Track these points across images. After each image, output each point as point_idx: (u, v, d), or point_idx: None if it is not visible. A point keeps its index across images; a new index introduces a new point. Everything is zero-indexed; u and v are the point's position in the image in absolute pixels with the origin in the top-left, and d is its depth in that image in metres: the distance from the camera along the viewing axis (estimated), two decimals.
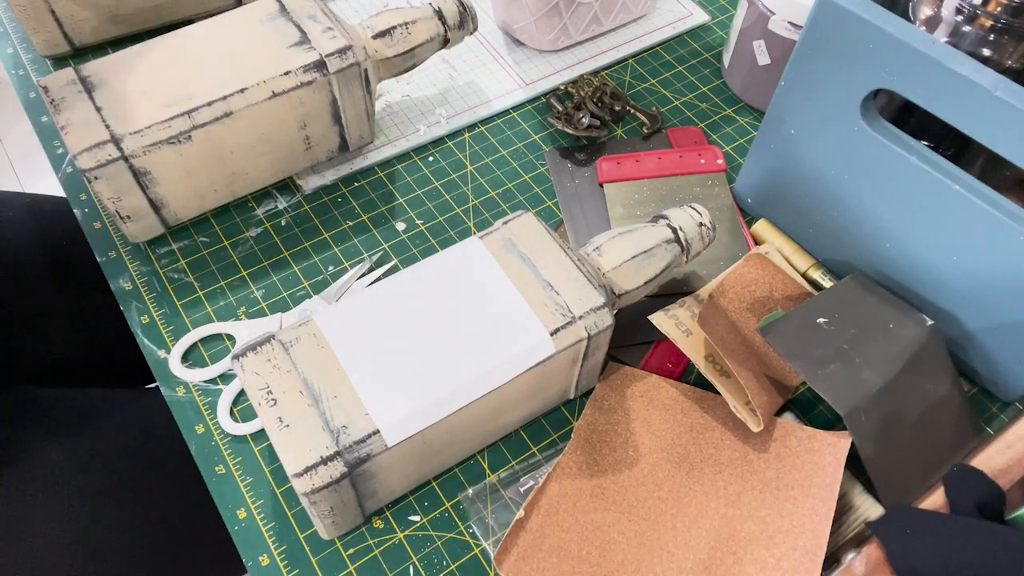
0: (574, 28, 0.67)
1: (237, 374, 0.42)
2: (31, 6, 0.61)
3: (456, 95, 0.65)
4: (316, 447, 0.39)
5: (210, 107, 0.51)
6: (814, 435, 0.46)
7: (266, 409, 0.40)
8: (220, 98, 0.51)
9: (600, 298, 0.44)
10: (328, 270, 0.56)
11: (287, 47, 0.53)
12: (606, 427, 0.49)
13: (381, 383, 0.41)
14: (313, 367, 0.42)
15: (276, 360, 0.42)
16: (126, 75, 0.52)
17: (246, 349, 0.42)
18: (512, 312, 0.44)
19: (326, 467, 0.39)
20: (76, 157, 0.48)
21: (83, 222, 0.58)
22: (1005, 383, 0.50)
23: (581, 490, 0.46)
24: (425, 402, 0.41)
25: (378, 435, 0.40)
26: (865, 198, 0.49)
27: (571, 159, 0.62)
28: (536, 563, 0.44)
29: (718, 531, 0.44)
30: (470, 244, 0.46)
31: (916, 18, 0.50)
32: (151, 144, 0.50)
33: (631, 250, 0.47)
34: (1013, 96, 0.39)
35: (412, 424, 0.41)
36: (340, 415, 0.40)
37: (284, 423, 0.40)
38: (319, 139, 0.57)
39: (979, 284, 0.46)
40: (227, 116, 0.51)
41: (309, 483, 0.39)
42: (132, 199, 0.52)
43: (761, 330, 0.46)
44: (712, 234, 0.50)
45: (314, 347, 0.42)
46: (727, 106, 0.66)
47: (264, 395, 0.41)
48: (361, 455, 0.40)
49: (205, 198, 0.55)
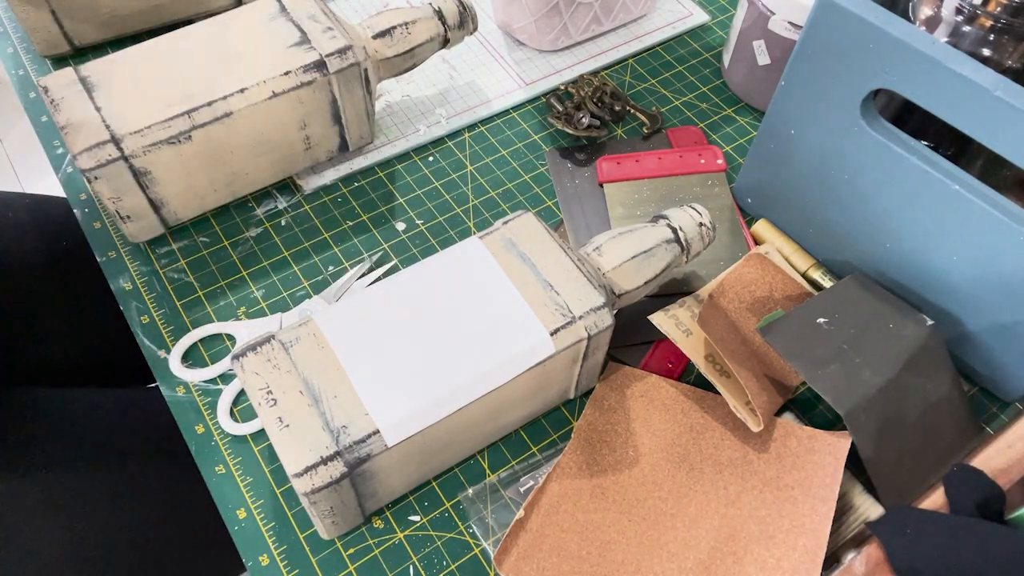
0: (574, 28, 0.67)
1: (237, 374, 0.42)
2: (31, 6, 0.61)
3: (456, 95, 0.65)
4: (316, 447, 0.39)
5: (210, 107, 0.51)
6: (814, 435, 0.46)
7: (266, 409, 0.40)
8: (220, 98, 0.51)
9: (600, 298, 0.44)
10: (328, 270, 0.56)
11: (287, 47, 0.53)
12: (606, 427, 0.49)
13: (381, 383, 0.41)
14: (313, 367, 0.41)
15: (276, 360, 0.42)
16: (126, 75, 0.52)
17: (246, 349, 0.42)
18: (512, 312, 0.44)
19: (326, 467, 0.39)
20: (76, 157, 0.48)
21: (83, 222, 0.58)
22: (1005, 383, 0.50)
23: (581, 490, 0.46)
24: (425, 402, 0.41)
25: (378, 435, 0.40)
26: (865, 198, 0.49)
27: (571, 159, 0.62)
28: (536, 563, 0.44)
29: (718, 531, 0.44)
30: (470, 244, 0.46)
31: (916, 18, 0.50)
32: (151, 144, 0.50)
33: (631, 250, 0.47)
34: (1013, 96, 0.39)
35: (412, 424, 0.41)
36: (340, 415, 0.40)
37: (284, 423, 0.40)
38: (319, 139, 0.57)
39: (979, 284, 0.46)
40: (227, 116, 0.51)
41: (309, 483, 0.39)
42: (132, 199, 0.52)
43: (761, 330, 0.46)
44: (712, 234, 0.50)
45: (314, 347, 0.42)
46: (727, 106, 0.66)
47: (264, 395, 0.41)
48: (361, 455, 0.40)
49: (205, 198, 0.55)
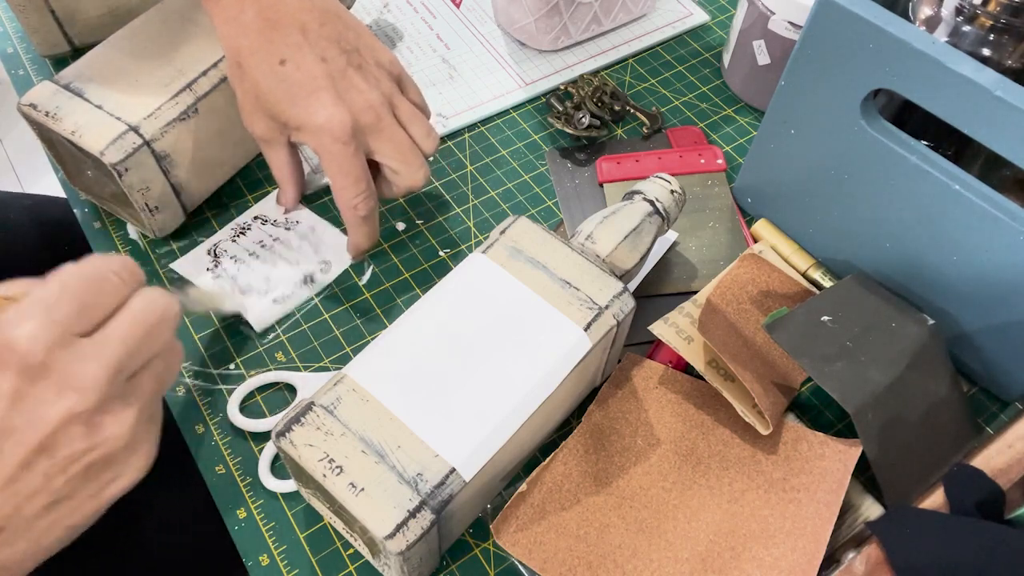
0: (574, 28, 0.67)
1: (287, 452, 0.39)
2: (31, 6, 0.61)
3: (456, 95, 0.65)
4: (400, 502, 0.38)
5: (206, 76, 0.52)
6: (825, 441, 0.46)
7: (333, 479, 0.38)
8: (212, 65, 0.52)
9: (619, 284, 0.45)
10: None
11: None
12: (617, 414, 0.49)
13: (439, 421, 0.40)
14: (366, 423, 0.40)
15: (326, 426, 0.40)
16: (108, 70, 0.52)
17: (289, 424, 0.40)
18: (541, 317, 0.43)
19: (415, 519, 0.37)
20: (102, 154, 0.48)
21: (83, 222, 0.58)
22: (1005, 383, 0.50)
23: (586, 472, 0.46)
24: (489, 428, 0.40)
25: (455, 473, 0.39)
26: (865, 198, 0.49)
27: (571, 159, 0.62)
28: (534, 537, 0.44)
29: (719, 526, 0.44)
30: (476, 261, 0.45)
31: (916, 18, 0.50)
32: (166, 124, 0.51)
33: (621, 231, 0.47)
34: (1013, 96, 0.39)
35: (483, 453, 0.40)
36: (411, 464, 0.39)
37: (358, 488, 0.38)
38: None
39: (979, 284, 0.46)
40: (223, 82, 0.52)
41: (403, 541, 0.37)
42: (157, 187, 0.52)
43: (767, 327, 0.46)
44: (683, 198, 0.51)
45: (359, 402, 0.40)
46: (727, 106, 0.66)
47: (326, 465, 0.38)
48: (444, 497, 0.38)
49: (214, 175, 0.57)
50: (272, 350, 0.52)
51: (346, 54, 0.48)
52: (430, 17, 0.71)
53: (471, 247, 0.57)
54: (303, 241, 0.55)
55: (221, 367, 0.51)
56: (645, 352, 0.52)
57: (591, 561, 0.44)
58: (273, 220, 0.56)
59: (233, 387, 0.50)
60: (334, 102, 0.46)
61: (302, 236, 0.56)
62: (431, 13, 0.71)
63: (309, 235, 0.56)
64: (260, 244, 0.55)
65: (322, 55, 0.47)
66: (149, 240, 0.56)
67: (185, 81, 0.52)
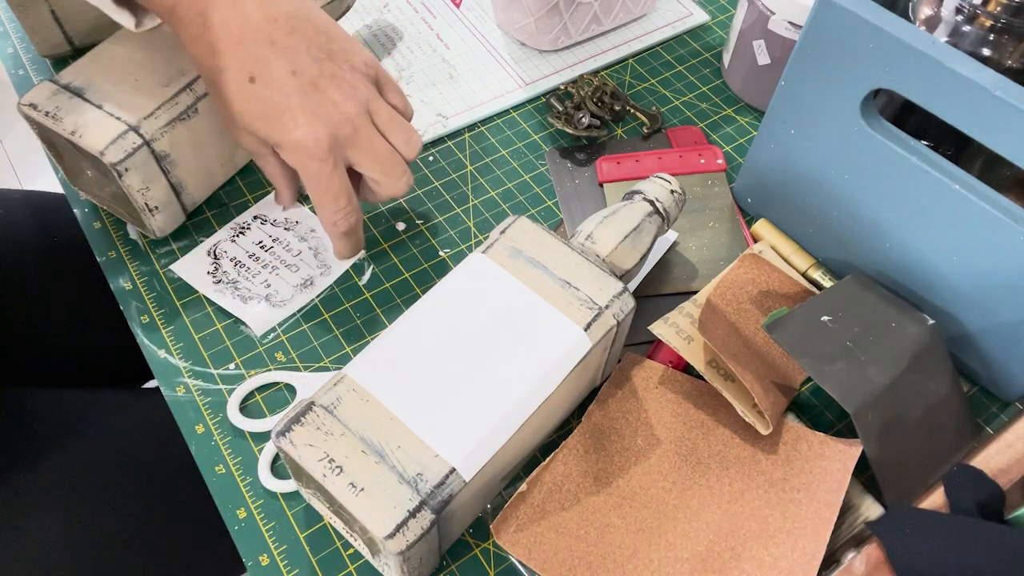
0: (574, 28, 0.67)
1: (287, 452, 0.39)
2: (31, 6, 0.61)
3: (456, 95, 0.65)
4: (399, 502, 0.38)
5: None
6: (826, 441, 0.46)
7: (333, 479, 0.38)
8: None
9: (619, 284, 0.45)
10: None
11: None
12: (618, 414, 0.49)
13: (439, 421, 0.40)
14: (366, 423, 0.40)
15: (326, 426, 0.40)
16: (108, 70, 0.52)
17: (289, 424, 0.40)
18: (541, 317, 0.43)
19: (415, 519, 0.38)
20: (102, 154, 0.48)
21: (83, 222, 0.58)
22: (1005, 383, 0.50)
23: (586, 472, 0.46)
24: (488, 428, 0.40)
25: (455, 473, 0.39)
26: (865, 198, 0.49)
27: (571, 159, 0.62)
28: (534, 537, 0.44)
29: (719, 525, 0.44)
30: (475, 261, 0.46)
31: (916, 18, 0.50)
32: (166, 124, 0.51)
33: (621, 231, 0.47)
34: (1013, 96, 0.39)
35: (483, 453, 0.40)
36: (411, 464, 0.39)
37: (358, 488, 0.38)
38: None
39: (979, 284, 0.46)
40: None
41: (403, 540, 0.37)
42: (158, 187, 0.52)
43: (767, 327, 0.46)
44: (683, 197, 0.51)
45: (359, 402, 0.40)
46: (727, 106, 0.66)
47: (326, 465, 0.38)
48: (443, 497, 0.38)
49: (214, 175, 0.57)
50: (272, 350, 0.52)
51: (318, 63, 0.46)
52: (430, 17, 0.71)
53: (471, 247, 0.57)
54: (303, 243, 0.55)
55: (221, 367, 0.51)
56: (645, 352, 0.52)
57: (591, 561, 0.44)
58: (273, 220, 0.56)
59: (233, 387, 0.50)
60: (308, 120, 0.45)
61: (301, 238, 0.56)
62: (431, 13, 0.71)
63: (309, 237, 0.56)
64: (260, 245, 0.55)
65: (292, 68, 0.45)
66: (149, 240, 0.56)
67: (185, 81, 0.52)
